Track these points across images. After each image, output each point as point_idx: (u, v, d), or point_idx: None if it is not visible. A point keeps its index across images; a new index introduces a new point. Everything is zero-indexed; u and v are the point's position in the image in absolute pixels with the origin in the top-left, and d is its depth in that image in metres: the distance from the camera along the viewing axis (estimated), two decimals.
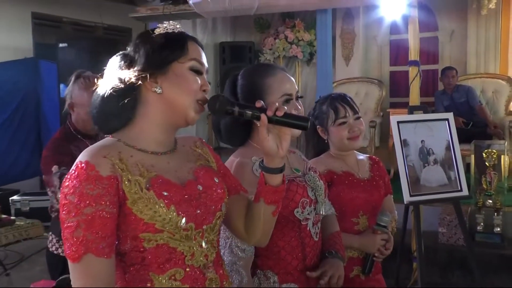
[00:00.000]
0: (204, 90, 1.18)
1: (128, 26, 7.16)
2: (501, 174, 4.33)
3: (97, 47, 7.27)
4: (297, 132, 1.51)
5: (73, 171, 1.04)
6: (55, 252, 2.39)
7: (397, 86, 6.82)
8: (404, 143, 3.57)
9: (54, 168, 2.16)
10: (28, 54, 6.30)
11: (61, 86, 6.14)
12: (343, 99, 2.02)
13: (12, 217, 5.22)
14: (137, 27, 7.06)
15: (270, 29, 7.43)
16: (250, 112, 1.13)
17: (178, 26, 1.21)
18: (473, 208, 4.28)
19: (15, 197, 5.65)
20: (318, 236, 1.55)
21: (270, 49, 7.20)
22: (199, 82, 1.17)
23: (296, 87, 1.57)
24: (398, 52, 6.78)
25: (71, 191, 1.01)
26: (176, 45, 1.16)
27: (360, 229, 1.97)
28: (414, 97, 4.02)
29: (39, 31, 6.52)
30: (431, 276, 3.89)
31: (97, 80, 1.19)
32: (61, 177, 2.03)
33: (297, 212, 1.48)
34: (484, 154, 4.19)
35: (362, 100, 6.41)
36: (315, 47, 6.27)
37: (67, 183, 1.03)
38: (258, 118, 1.12)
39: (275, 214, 1.24)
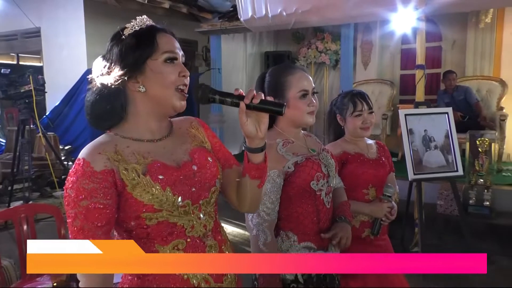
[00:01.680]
0: (183, 76, 1.03)
1: (194, 39, 7.17)
2: (491, 158, 4.18)
3: None
4: (311, 120, 1.47)
5: (73, 168, 0.95)
6: None
7: (406, 86, 6.57)
8: (410, 132, 3.47)
9: None
10: None
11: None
12: (361, 95, 1.95)
13: None
14: (202, 39, 7.10)
15: (304, 40, 7.29)
16: (230, 100, 1.00)
17: (145, 20, 1.03)
18: (466, 186, 4.12)
19: None
20: (330, 204, 1.49)
21: (304, 57, 7.11)
22: (176, 70, 1.02)
23: (313, 84, 1.50)
24: (407, 58, 6.51)
25: (70, 185, 0.93)
26: (146, 43, 0.99)
27: (370, 198, 1.91)
28: (420, 95, 3.85)
29: None
30: (430, 239, 3.75)
31: None
32: None
33: (313, 184, 1.42)
34: (477, 141, 4.05)
35: (377, 97, 6.30)
36: (340, 55, 6.14)
37: (68, 178, 0.94)
38: (237, 105, 0.99)
39: (260, 186, 1.10)
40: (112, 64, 1.00)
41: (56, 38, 6.47)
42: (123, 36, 1.01)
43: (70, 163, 5.97)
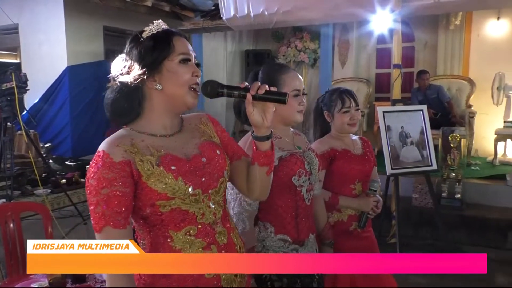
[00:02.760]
0: (196, 76, 1.10)
1: None
2: (462, 153, 4.28)
3: None
4: (300, 118, 1.50)
5: (93, 159, 1.00)
6: None
7: (381, 85, 6.73)
8: (387, 128, 3.54)
9: None
10: (101, 58, 6.30)
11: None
12: (349, 92, 1.97)
13: None
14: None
15: (283, 39, 7.32)
16: (237, 92, 1.06)
17: (161, 24, 1.10)
18: (439, 179, 4.25)
19: None
20: (310, 202, 1.52)
21: (283, 55, 7.14)
22: (190, 70, 1.08)
23: (303, 85, 1.53)
24: (382, 58, 6.66)
25: (92, 175, 0.99)
26: (163, 45, 1.06)
27: (357, 193, 1.94)
28: (396, 93, 3.95)
29: (109, 40, 6.48)
30: (406, 230, 3.87)
31: None
32: None
33: (294, 179, 1.44)
34: (449, 137, 4.18)
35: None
36: (318, 54, 6.20)
37: (90, 169, 1.00)
38: (244, 97, 1.05)
39: (269, 173, 1.16)
40: (132, 64, 1.07)
41: (35, 34, 6.26)
42: (142, 39, 1.07)
43: (51, 160, 5.83)
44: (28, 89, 4.03)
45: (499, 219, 3.90)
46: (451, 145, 4.16)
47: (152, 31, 1.08)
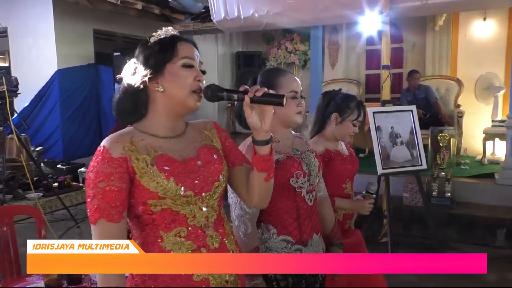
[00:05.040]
0: (198, 80, 1.11)
1: None
2: (451, 153, 4.34)
3: None
4: (299, 119, 1.51)
5: (95, 154, 1.03)
6: None
7: (370, 85, 6.78)
8: (378, 129, 3.58)
9: None
10: (91, 61, 6.28)
11: (116, 85, 6.12)
12: (363, 106, 1.99)
13: (80, 184, 5.29)
14: None
15: (274, 41, 7.36)
16: (236, 95, 1.08)
17: (170, 30, 1.13)
18: (429, 178, 4.29)
19: (82, 169, 5.69)
20: (312, 202, 1.53)
21: (274, 57, 7.19)
22: (192, 74, 1.10)
23: (301, 87, 1.55)
24: (371, 59, 6.71)
25: (91, 169, 1.02)
26: (167, 49, 1.09)
27: (348, 192, 1.99)
28: (386, 93, 3.99)
29: (99, 43, 6.47)
30: (397, 229, 3.90)
31: None
32: None
33: (292, 181, 1.46)
34: (438, 137, 4.22)
35: None
36: (309, 55, 6.25)
37: (90, 163, 1.03)
38: (243, 99, 1.06)
39: (267, 180, 1.15)
40: (138, 66, 1.11)
41: (24, 38, 6.23)
42: (149, 43, 1.11)
43: (43, 164, 5.79)
44: (19, 93, 4.02)
45: (488, 217, 3.96)
46: (440, 144, 4.21)
47: (160, 36, 1.11)
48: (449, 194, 4.15)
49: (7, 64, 6.82)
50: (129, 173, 1.02)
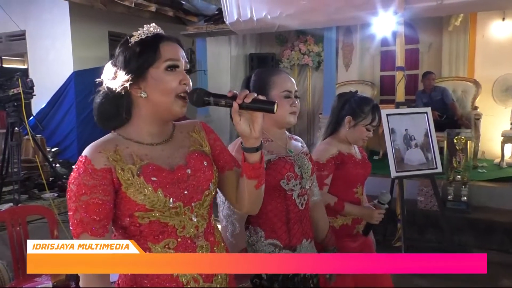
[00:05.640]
0: (184, 84, 1.04)
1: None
2: (468, 156, 4.25)
3: None
4: (293, 120, 1.46)
5: (76, 164, 0.98)
6: None
7: (385, 87, 6.69)
8: (391, 131, 3.53)
9: None
10: (106, 62, 6.30)
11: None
12: (379, 111, 1.95)
13: None
14: (186, 42, 7.07)
15: (287, 43, 7.33)
16: (224, 101, 1.01)
17: (152, 29, 1.05)
18: (445, 182, 4.23)
19: None
20: (304, 206, 1.48)
21: (287, 59, 7.16)
22: (177, 78, 1.03)
23: (296, 87, 1.50)
24: (386, 60, 6.63)
25: (72, 181, 0.96)
26: (149, 51, 1.01)
27: (359, 196, 1.95)
28: (400, 95, 3.93)
29: (114, 45, 6.49)
30: (411, 234, 3.84)
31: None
32: None
33: (283, 182, 1.41)
34: (454, 140, 4.15)
35: None
36: (322, 57, 6.21)
37: (71, 174, 0.98)
38: (231, 105, 1.00)
39: (258, 187, 1.10)
40: (118, 70, 1.03)
41: (41, 40, 6.35)
42: (130, 44, 1.03)
43: (58, 165, 5.88)
44: (35, 95, 4.08)
45: (506, 222, 3.86)
46: (457, 147, 4.14)
47: (141, 35, 1.04)
48: (465, 198, 4.08)
49: (25, 66, 6.95)
50: (113, 184, 0.97)
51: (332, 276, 1.58)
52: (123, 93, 1.02)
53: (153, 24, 1.07)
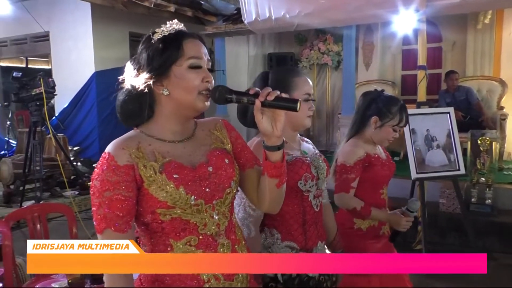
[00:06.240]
0: (206, 81, 1.03)
1: None
2: (493, 157, 4.13)
3: None
4: (308, 123, 1.44)
5: (100, 161, 0.99)
6: None
7: (407, 87, 6.56)
8: (412, 131, 3.46)
9: None
10: (126, 63, 6.45)
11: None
12: (407, 111, 1.89)
13: None
14: (206, 42, 7.10)
15: (306, 42, 7.28)
16: (246, 98, 1.00)
17: (175, 25, 1.04)
18: (468, 184, 4.10)
19: None
20: (318, 208, 1.46)
21: (307, 58, 7.11)
22: (200, 76, 1.02)
23: (312, 90, 1.48)
24: (408, 59, 6.50)
25: (96, 177, 0.97)
26: (172, 49, 1.01)
27: (384, 197, 1.91)
28: (421, 95, 3.84)
29: (134, 46, 6.62)
30: (432, 237, 3.74)
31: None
32: None
33: (300, 183, 1.39)
34: (479, 141, 4.04)
35: None
36: (342, 56, 6.14)
37: (95, 170, 0.98)
38: (253, 103, 0.99)
39: (279, 186, 1.09)
40: (141, 67, 1.03)
41: (64, 41, 6.50)
42: (153, 41, 1.03)
43: (79, 163, 6.00)
44: (56, 94, 4.17)
45: None
46: (481, 148, 4.01)
47: (164, 32, 1.03)
48: (489, 201, 3.95)
49: (49, 67, 7.12)
50: (136, 181, 0.98)
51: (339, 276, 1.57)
52: (145, 90, 1.03)
53: (175, 20, 1.06)
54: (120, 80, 1.07)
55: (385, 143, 1.91)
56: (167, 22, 1.05)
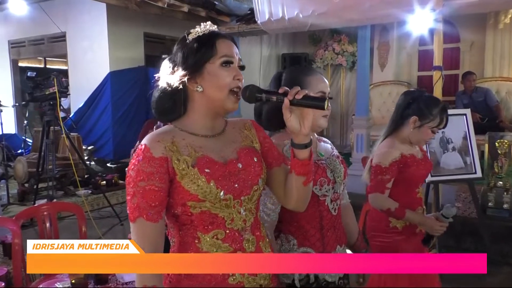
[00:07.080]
0: (238, 79, 1.08)
1: None
2: (511, 160, 3.99)
3: None
4: (324, 124, 1.41)
5: (136, 152, 1.03)
6: None
7: (423, 87, 6.40)
8: None
9: None
10: (141, 63, 6.49)
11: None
12: (447, 114, 1.87)
13: None
14: None
15: (321, 42, 7.23)
16: (275, 97, 1.04)
17: (209, 26, 1.10)
18: (485, 188, 4.00)
19: None
20: (336, 211, 1.43)
21: (321, 59, 7.05)
22: (232, 73, 1.08)
23: (329, 89, 1.45)
24: (425, 60, 6.38)
25: (132, 167, 1.02)
26: (206, 47, 1.06)
27: (420, 196, 1.92)
28: (437, 96, 3.74)
29: (149, 46, 6.68)
30: (447, 241, 3.64)
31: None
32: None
33: (316, 188, 1.36)
34: (497, 143, 3.94)
35: (394, 99, 6.17)
36: (357, 56, 6.06)
37: (131, 161, 1.03)
38: (282, 102, 1.03)
39: (306, 184, 1.12)
40: (176, 65, 1.09)
41: (80, 42, 6.57)
42: (188, 41, 1.09)
43: (93, 162, 6.06)
44: (69, 94, 4.22)
45: None
46: (499, 151, 3.91)
47: (198, 33, 1.09)
48: (507, 205, 3.84)
49: (66, 67, 7.22)
50: (169, 173, 1.02)
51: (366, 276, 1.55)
52: (180, 87, 1.08)
53: (209, 22, 1.12)
54: (156, 78, 1.13)
55: (422, 143, 1.91)
56: (201, 23, 1.11)
